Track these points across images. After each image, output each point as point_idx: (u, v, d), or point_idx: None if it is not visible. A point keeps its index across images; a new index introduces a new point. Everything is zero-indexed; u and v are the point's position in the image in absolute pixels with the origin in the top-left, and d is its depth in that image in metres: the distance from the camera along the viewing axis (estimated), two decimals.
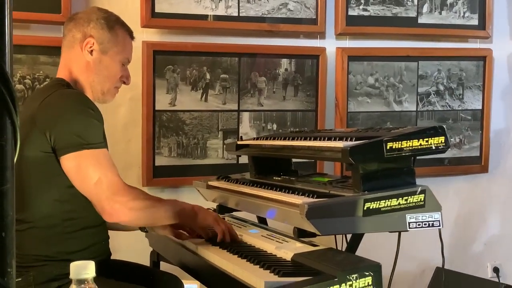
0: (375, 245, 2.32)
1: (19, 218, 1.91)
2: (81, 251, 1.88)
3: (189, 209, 1.96)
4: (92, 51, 2.01)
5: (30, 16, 2.80)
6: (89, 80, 2.03)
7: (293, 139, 2.15)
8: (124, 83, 2.12)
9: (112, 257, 2.11)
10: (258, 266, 1.64)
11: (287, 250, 1.74)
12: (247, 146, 2.45)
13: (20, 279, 1.84)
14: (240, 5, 3.17)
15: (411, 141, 1.72)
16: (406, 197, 1.72)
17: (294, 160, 2.53)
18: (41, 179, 1.86)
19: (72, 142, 1.79)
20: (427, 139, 1.74)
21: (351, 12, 3.37)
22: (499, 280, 3.63)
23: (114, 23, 2.06)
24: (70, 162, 1.80)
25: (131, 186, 1.89)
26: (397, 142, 1.71)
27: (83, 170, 1.80)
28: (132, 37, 2.14)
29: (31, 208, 1.89)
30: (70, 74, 2.03)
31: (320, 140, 1.96)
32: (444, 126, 1.80)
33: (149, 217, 1.91)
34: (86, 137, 1.80)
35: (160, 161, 3.09)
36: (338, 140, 1.86)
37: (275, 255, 1.76)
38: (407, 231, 1.74)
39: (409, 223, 1.73)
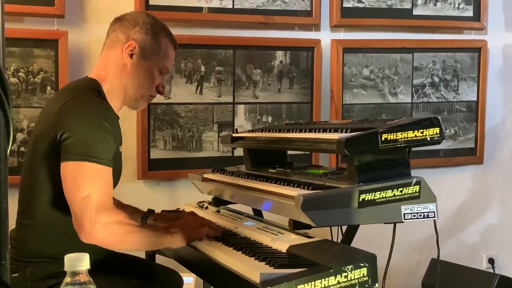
0: (370, 237, 2.32)
1: (24, 213, 1.92)
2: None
3: (171, 235, 1.88)
4: (132, 54, 1.97)
5: (24, 9, 2.79)
6: (124, 83, 1.98)
7: (288, 131, 2.15)
8: (160, 92, 2.08)
9: None
10: (254, 258, 1.64)
11: (282, 242, 1.75)
12: (242, 138, 2.45)
13: (17, 274, 1.84)
14: None
15: (406, 132, 1.72)
16: (401, 189, 1.73)
17: (289, 152, 2.52)
18: (47, 179, 1.84)
19: (78, 151, 1.75)
20: (422, 130, 1.74)
21: (346, 4, 3.36)
22: (494, 271, 3.64)
23: (159, 31, 2.02)
24: (69, 169, 1.75)
25: (120, 210, 1.83)
26: (392, 134, 1.71)
27: (78, 180, 1.74)
28: (175, 48, 2.09)
29: (35, 206, 1.88)
30: (106, 74, 1.99)
31: (315, 132, 1.96)
32: (439, 117, 1.80)
33: (128, 242, 1.81)
34: (93, 150, 1.75)
35: (155, 154, 3.08)
36: (333, 132, 1.86)
37: (271, 247, 1.76)
38: (402, 222, 1.74)
39: (404, 214, 1.73)
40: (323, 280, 1.47)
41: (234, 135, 2.50)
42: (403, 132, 1.72)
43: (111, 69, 1.99)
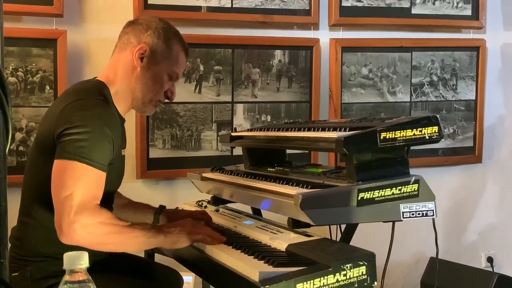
0: (369, 235, 2.32)
1: (25, 211, 1.92)
2: None
3: (164, 235, 1.82)
4: (142, 57, 1.96)
5: (22, 8, 2.79)
6: (132, 86, 1.97)
7: (287, 130, 2.15)
8: (168, 98, 2.06)
9: None
10: (253, 257, 1.64)
11: (281, 241, 1.75)
12: (241, 137, 2.45)
13: (17, 273, 1.84)
14: None
15: (405, 131, 1.72)
16: (400, 187, 1.73)
17: (288, 151, 2.52)
18: (48, 178, 1.81)
19: (71, 150, 1.73)
20: (420, 129, 1.74)
21: (344, 3, 3.36)
22: (493, 270, 3.64)
23: (171, 36, 2.01)
24: (58, 167, 1.73)
25: (104, 210, 1.76)
26: (391, 132, 1.71)
27: (63, 178, 1.71)
28: (187, 54, 2.08)
29: (36, 205, 1.88)
30: (114, 76, 1.98)
31: (314, 131, 1.96)
32: (438, 116, 1.80)
33: (112, 243, 1.76)
34: (86, 151, 1.73)
35: (154, 153, 3.08)
36: (332, 130, 1.85)
37: (270, 246, 1.77)
38: (401, 220, 1.74)
39: (403, 212, 1.73)
40: (322, 278, 1.47)
41: (233, 134, 2.50)
42: (402, 131, 1.72)
43: (120, 72, 1.98)
